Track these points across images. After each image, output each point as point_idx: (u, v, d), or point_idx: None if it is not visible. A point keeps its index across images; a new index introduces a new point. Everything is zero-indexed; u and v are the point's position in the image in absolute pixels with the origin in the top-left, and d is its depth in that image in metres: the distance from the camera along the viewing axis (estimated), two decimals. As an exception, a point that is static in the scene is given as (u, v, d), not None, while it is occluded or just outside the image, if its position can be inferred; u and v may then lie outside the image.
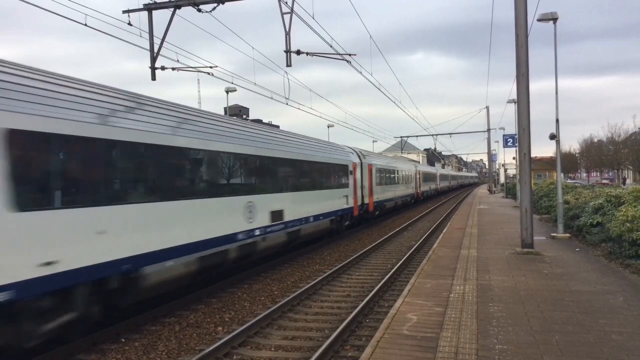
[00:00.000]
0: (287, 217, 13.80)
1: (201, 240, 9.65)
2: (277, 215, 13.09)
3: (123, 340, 8.00)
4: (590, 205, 14.54)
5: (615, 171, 73.83)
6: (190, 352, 7.47)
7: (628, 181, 64.45)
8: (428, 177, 50.46)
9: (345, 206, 19.58)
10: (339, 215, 18.89)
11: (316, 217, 16.15)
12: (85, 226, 7.01)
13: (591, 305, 7.41)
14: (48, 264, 6.40)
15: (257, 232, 12.05)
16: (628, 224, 10.46)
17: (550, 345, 5.75)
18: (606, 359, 5.34)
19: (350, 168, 20.75)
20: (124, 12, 13.18)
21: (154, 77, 13.97)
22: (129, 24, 12.80)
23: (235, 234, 10.94)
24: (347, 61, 15.61)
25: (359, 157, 23.09)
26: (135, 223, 7.97)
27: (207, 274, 10.39)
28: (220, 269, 10.86)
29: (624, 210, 11.13)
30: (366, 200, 23.56)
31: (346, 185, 19.88)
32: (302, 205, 15.02)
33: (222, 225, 10.40)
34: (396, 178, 32.14)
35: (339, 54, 15.35)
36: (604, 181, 66.70)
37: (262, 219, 12.29)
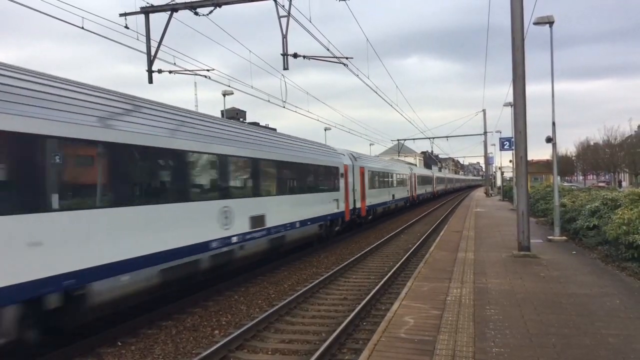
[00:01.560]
0: (269, 222, 12.92)
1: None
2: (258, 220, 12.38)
3: (119, 343, 7.97)
4: (586, 208, 14.57)
5: (612, 174, 74.08)
6: (187, 356, 7.45)
7: (624, 184, 64.67)
8: (423, 180, 49.44)
9: (336, 210, 19.11)
10: (329, 220, 18.35)
11: (303, 223, 15.45)
12: None
13: (588, 308, 7.43)
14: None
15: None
16: (624, 227, 10.49)
17: (547, 348, 5.76)
18: (603, 362, 5.34)
19: (341, 170, 20.21)
20: (121, 15, 13.16)
21: (150, 80, 13.98)
22: (126, 27, 12.81)
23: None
24: (344, 64, 15.62)
25: (350, 159, 22.42)
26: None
27: None
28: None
29: (621, 213, 11.17)
30: (358, 205, 22.78)
31: (337, 189, 19.39)
32: (286, 211, 14.24)
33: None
34: (390, 181, 31.44)
35: (336, 57, 15.33)
36: (601, 184, 66.82)
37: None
